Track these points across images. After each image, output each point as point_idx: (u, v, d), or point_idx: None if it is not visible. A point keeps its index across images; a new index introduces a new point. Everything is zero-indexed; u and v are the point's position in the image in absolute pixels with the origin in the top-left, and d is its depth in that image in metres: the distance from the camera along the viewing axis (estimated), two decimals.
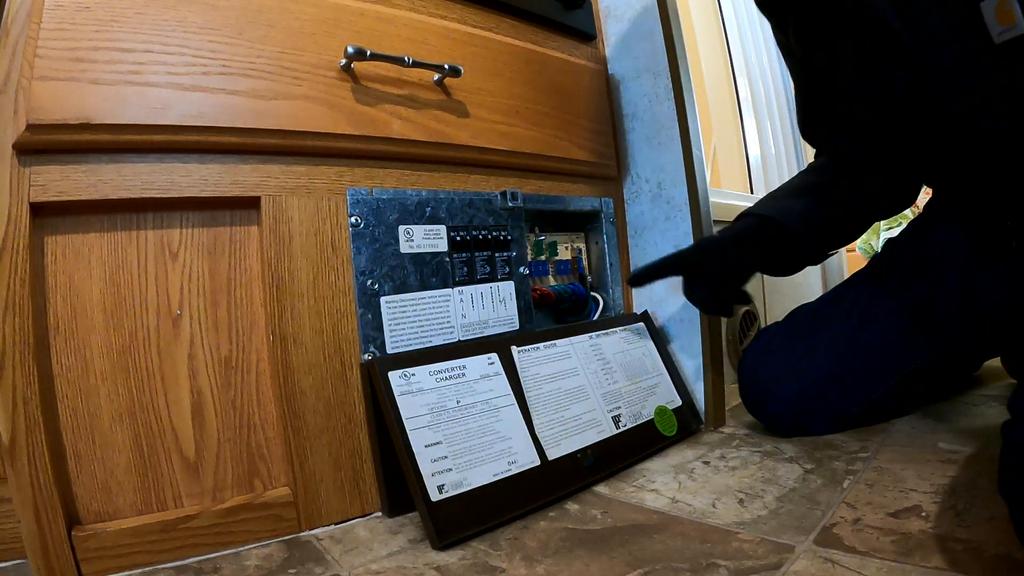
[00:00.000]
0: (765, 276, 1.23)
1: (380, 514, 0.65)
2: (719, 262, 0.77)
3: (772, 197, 0.84)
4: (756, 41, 1.60)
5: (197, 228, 0.61)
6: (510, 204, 0.79)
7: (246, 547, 0.59)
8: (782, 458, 0.70)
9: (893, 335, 0.77)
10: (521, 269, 0.80)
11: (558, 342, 0.77)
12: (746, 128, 1.50)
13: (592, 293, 0.90)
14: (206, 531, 0.57)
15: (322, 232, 0.65)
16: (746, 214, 0.81)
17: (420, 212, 0.71)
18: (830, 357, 0.78)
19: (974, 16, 0.59)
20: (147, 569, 0.55)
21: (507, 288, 0.78)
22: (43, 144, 0.52)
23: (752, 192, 1.47)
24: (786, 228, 0.77)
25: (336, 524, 0.63)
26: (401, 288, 0.69)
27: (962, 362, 0.81)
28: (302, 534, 0.61)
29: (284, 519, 0.61)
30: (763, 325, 1.17)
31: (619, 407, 0.77)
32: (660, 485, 0.67)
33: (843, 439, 0.74)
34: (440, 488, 0.59)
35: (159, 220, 0.59)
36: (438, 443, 0.61)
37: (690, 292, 0.79)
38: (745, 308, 1.10)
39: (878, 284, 0.81)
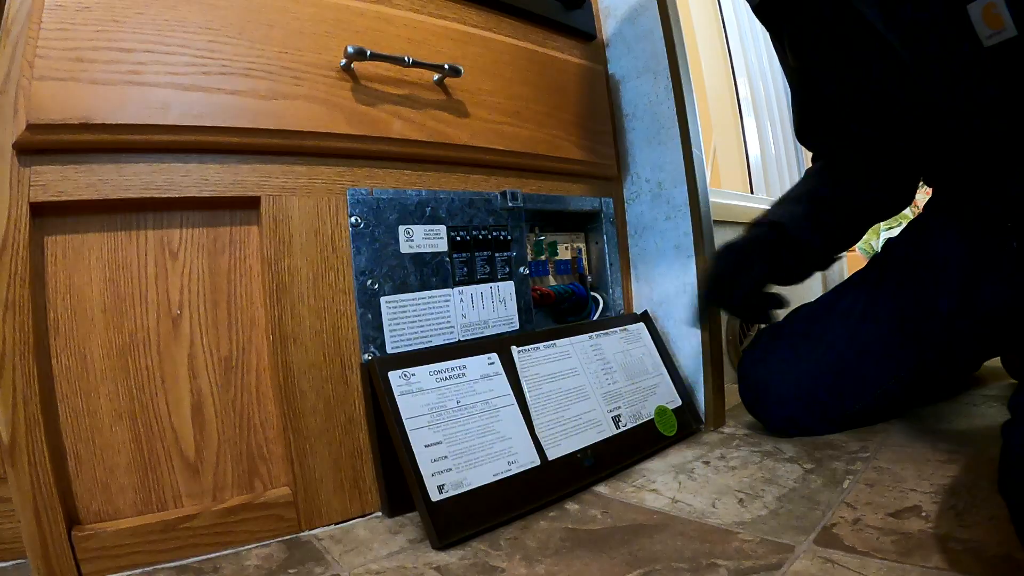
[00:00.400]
0: None
1: (380, 514, 0.65)
2: (743, 268, 0.78)
3: (775, 204, 0.85)
4: (756, 41, 1.60)
5: (197, 228, 0.61)
6: (510, 204, 0.79)
7: (246, 547, 0.59)
8: (782, 458, 0.71)
9: (893, 336, 0.77)
10: (521, 269, 0.80)
11: (558, 342, 0.77)
12: (746, 128, 1.50)
13: (592, 293, 0.90)
14: (206, 531, 0.57)
15: (322, 232, 0.65)
16: (756, 223, 0.82)
17: (420, 212, 0.71)
18: (829, 358, 0.78)
19: (961, 18, 0.58)
20: (147, 569, 0.55)
21: (507, 288, 0.78)
22: (43, 144, 0.52)
23: (752, 192, 1.46)
24: (787, 232, 0.78)
25: (336, 524, 0.63)
26: (401, 288, 0.69)
27: (961, 363, 0.81)
28: (302, 534, 0.61)
29: (284, 519, 0.61)
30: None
31: (619, 407, 0.77)
32: (660, 485, 0.67)
33: (843, 439, 0.75)
34: (440, 488, 0.59)
35: (159, 220, 0.59)
36: (438, 443, 0.61)
37: (721, 298, 0.80)
38: None
39: (877, 284, 0.81)
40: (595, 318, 0.89)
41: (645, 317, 0.90)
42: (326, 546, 0.58)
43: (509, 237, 0.79)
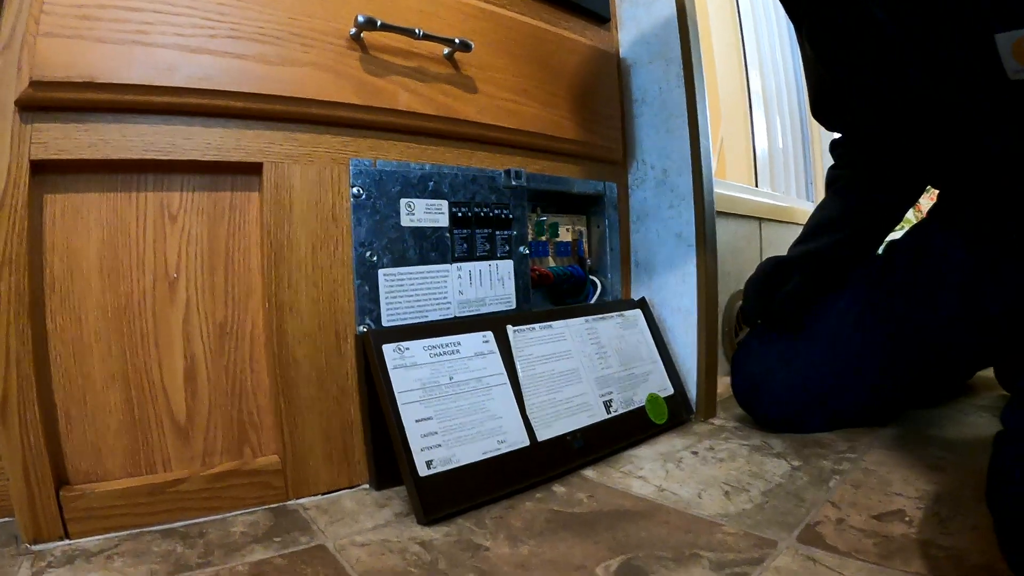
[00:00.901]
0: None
1: (367, 486, 0.65)
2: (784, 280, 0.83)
3: (809, 234, 0.90)
4: (771, 33, 1.58)
5: (198, 192, 0.60)
6: (513, 183, 0.78)
7: (233, 513, 0.59)
8: (770, 453, 0.71)
9: (890, 338, 0.77)
10: (521, 249, 0.79)
11: (554, 324, 0.77)
12: (755, 121, 1.48)
13: (591, 276, 0.90)
14: (194, 496, 0.58)
15: (323, 201, 0.64)
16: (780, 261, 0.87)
17: (423, 186, 0.70)
18: (826, 356, 0.78)
19: (986, 46, 0.55)
20: (134, 531, 0.55)
21: (506, 267, 0.78)
22: (46, 101, 0.51)
23: (757, 185, 1.45)
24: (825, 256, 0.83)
25: (323, 494, 0.64)
26: (400, 261, 0.68)
27: (957, 369, 0.81)
28: (289, 503, 0.62)
29: (272, 487, 0.61)
30: None
31: (611, 392, 0.77)
32: (647, 472, 0.67)
33: (832, 438, 0.75)
34: (428, 463, 0.59)
35: (160, 182, 0.58)
36: (429, 418, 0.61)
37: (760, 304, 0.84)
38: (741, 304, 1.10)
39: (878, 285, 0.81)
40: (592, 302, 0.89)
41: (643, 304, 0.90)
42: (312, 516, 0.59)
43: (511, 216, 0.78)
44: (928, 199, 0.89)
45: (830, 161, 0.97)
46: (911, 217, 1.71)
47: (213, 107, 0.58)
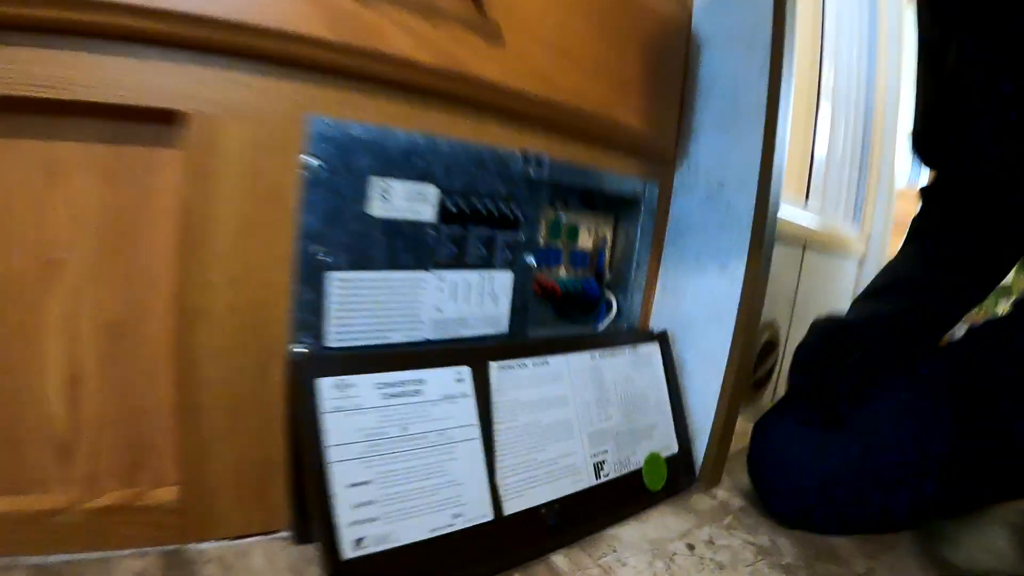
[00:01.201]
0: (798, 294, 1.08)
1: (286, 535, 0.52)
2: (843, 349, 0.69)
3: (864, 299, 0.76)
4: (852, 22, 1.32)
5: (96, 145, 0.44)
6: (532, 172, 0.61)
7: (120, 552, 0.47)
8: (778, 563, 0.57)
9: (947, 447, 0.62)
10: (527, 258, 0.63)
11: (551, 359, 0.62)
12: (819, 125, 1.22)
13: (607, 295, 0.74)
14: (75, 528, 0.46)
15: (264, 172, 0.47)
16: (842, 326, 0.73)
17: (407, 163, 0.53)
18: (869, 457, 0.63)
19: None
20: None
21: (503, 280, 0.62)
22: None
23: (807, 201, 1.22)
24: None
25: (231, 540, 0.51)
26: (361, 263, 0.52)
27: (1011, 491, 0.66)
28: (189, 546, 0.49)
29: (169, 526, 0.48)
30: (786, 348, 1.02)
31: (605, 451, 0.63)
32: (630, 571, 0.54)
33: (848, 549, 0.61)
34: (358, 542, 0.46)
35: (46, 129, 0.42)
36: (366, 483, 0.47)
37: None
38: (765, 337, 0.95)
39: (941, 385, 0.65)
40: (604, 325, 0.73)
41: (662, 338, 0.73)
42: (211, 573, 0.46)
43: (520, 215, 0.61)
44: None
45: (887, 182, 0.79)
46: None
47: (125, 29, 0.41)
